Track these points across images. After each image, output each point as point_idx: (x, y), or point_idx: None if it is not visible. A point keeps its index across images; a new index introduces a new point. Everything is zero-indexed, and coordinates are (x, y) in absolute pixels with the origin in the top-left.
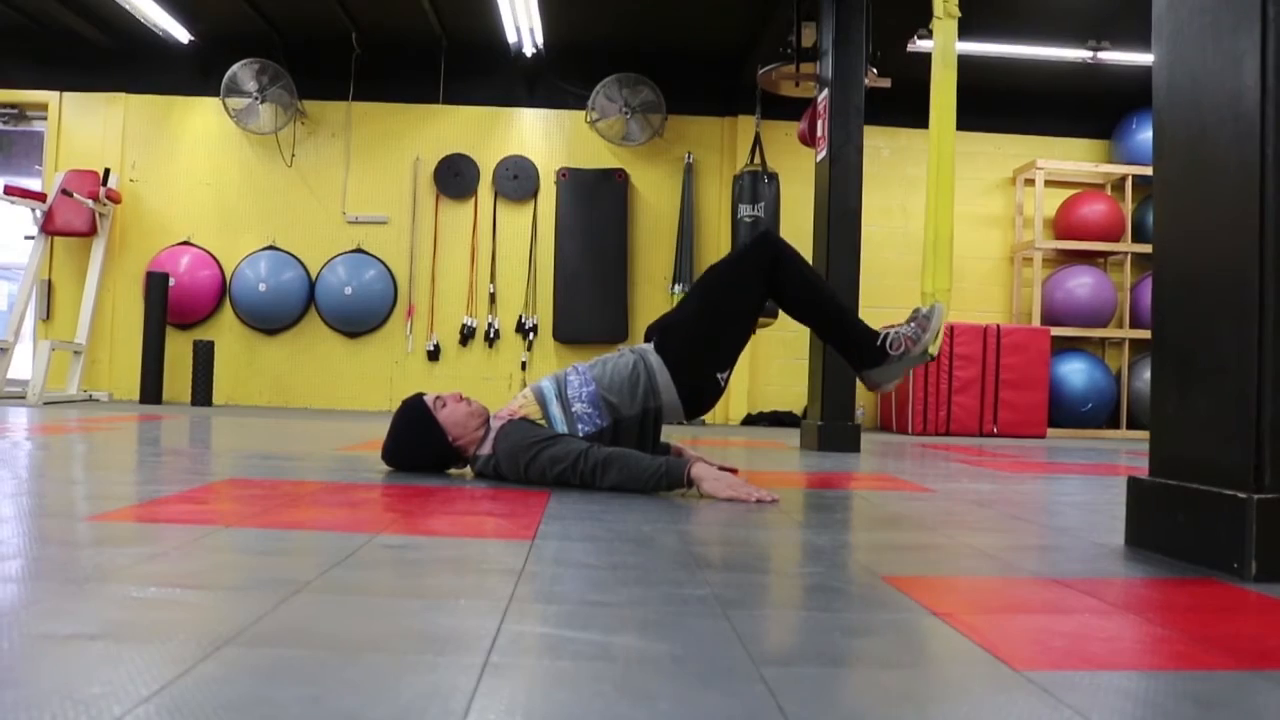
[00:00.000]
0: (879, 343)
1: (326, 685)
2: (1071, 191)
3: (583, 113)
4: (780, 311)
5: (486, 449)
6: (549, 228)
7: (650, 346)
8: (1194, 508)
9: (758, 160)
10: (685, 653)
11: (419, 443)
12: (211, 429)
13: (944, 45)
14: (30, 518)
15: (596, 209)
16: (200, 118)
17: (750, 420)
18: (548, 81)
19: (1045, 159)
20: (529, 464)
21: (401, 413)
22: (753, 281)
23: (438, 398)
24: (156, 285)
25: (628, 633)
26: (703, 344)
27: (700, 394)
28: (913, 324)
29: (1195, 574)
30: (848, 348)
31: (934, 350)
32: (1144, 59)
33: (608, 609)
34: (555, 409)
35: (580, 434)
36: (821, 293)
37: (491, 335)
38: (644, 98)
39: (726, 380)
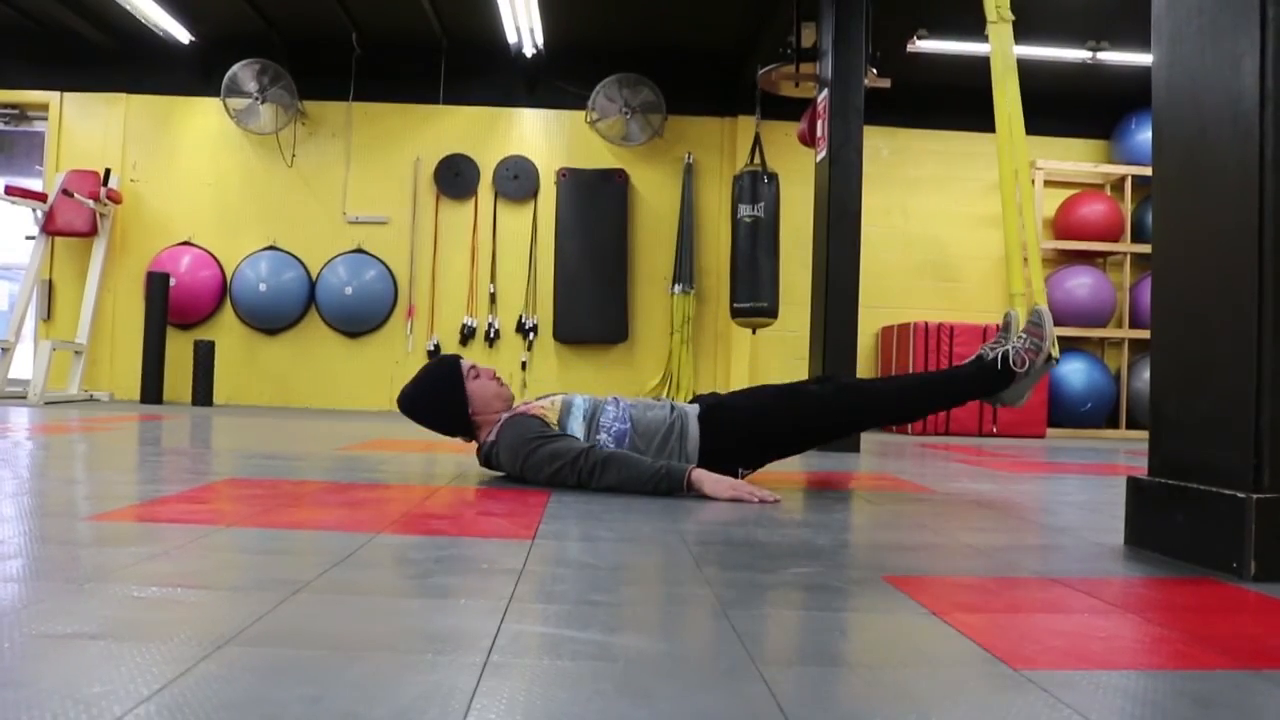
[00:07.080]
0: (1000, 366)
1: (326, 685)
2: (1071, 191)
3: (583, 113)
4: (778, 311)
5: (494, 435)
6: (549, 228)
7: (693, 410)
8: (1193, 508)
9: (758, 160)
10: (685, 653)
11: (439, 402)
12: (212, 429)
13: (1001, 49)
14: (31, 517)
15: (596, 209)
16: (201, 118)
17: None
18: (548, 81)
19: (1045, 159)
20: (527, 457)
21: (434, 368)
22: (824, 423)
23: (473, 366)
24: (157, 285)
25: (628, 633)
26: (747, 441)
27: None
28: (1025, 336)
29: (1194, 574)
30: (972, 396)
31: (1057, 354)
32: (1144, 59)
33: (608, 609)
34: (577, 425)
35: None
36: (906, 401)
37: (492, 335)
38: (644, 98)
39: (743, 476)
